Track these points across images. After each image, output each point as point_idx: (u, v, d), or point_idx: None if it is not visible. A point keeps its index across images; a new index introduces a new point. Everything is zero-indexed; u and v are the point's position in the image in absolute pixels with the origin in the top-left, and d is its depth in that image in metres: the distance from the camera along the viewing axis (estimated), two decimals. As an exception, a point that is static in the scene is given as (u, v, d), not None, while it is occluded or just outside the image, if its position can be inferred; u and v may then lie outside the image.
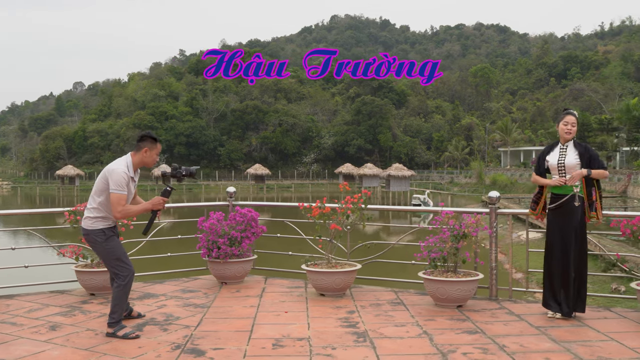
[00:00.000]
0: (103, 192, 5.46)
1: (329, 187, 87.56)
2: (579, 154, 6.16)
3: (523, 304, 6.89)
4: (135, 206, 5.56)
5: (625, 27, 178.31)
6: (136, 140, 5.61)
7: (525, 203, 54.08)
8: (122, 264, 5.52)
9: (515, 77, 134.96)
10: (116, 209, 5.36)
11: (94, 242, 5.55)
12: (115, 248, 5.54)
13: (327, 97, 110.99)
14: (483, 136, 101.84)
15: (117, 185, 5.35)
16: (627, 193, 57.22)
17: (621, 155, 78.02)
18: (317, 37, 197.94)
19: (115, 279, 5.55)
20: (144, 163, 5.57)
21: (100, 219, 5.52)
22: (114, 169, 5.40)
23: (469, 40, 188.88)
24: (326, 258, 7.49)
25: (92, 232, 5.52)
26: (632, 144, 73.39)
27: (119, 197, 5.36)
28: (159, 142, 5.67)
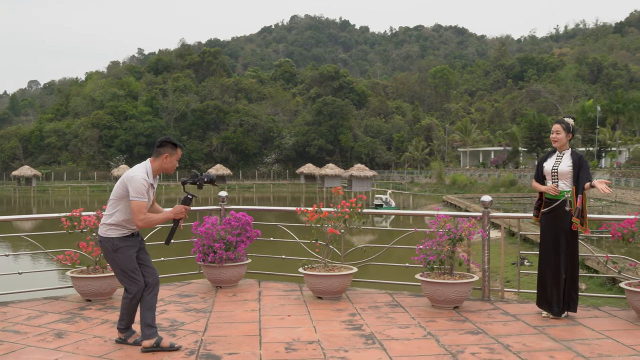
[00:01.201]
0: (121, 199, 5.26)
1: (290, 188, 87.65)
2: (572, 162, 6.42)
3: (516, 304, 7.13)
4: (158, 215, 5.35)
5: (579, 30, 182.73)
6: (156, 145, 5.38)
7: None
8: (128, 278, 5.30)
9: (473, 79, 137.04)
10: (137, 217, 5.14)
11: (105, 249, 5.37)
12: (124, 260, 5.28)
13: (288, 97, 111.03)
14: (443, 137, 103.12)
15: (138, 193, 5.14)
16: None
17: (577, 155, 79.82)
18: (277, 37, 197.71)
19: (125, 291, 5.41)
20: (164, 169, 5.36)
21: (114, 227, 5.29)
22: (133, 176, 5.19)
23: (427, 41, 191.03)
24: (323, 262, 7.60)
25: (104, 239, 5.33)
26: (587, 145, 75.27)
27: (140, 204, 5.14)
28: (180, 147, 5.45)
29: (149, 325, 5.30)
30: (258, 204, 67.69)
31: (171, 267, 9.23)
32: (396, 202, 56.97)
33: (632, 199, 50.30)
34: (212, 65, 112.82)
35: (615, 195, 53.04)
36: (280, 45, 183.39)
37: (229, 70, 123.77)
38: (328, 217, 7.39)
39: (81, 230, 7.20)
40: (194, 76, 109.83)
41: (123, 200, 5.24)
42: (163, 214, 5.38)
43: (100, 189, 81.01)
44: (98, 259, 7.32)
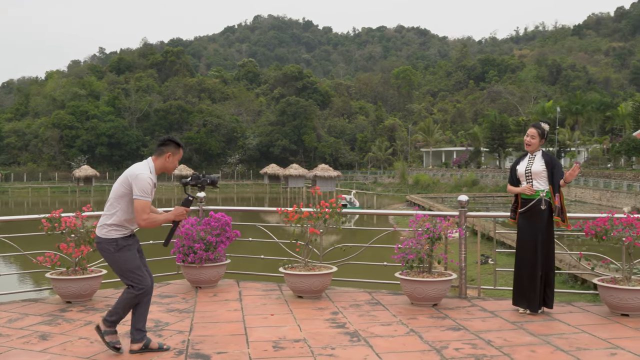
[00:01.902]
0: (123, 198, 5.08)
1: (254, 188, 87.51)
2: (545, 162, 6.64)
3: (492, 301, 7.31)
4: (160, 215, 5.21)
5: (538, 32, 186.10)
6: (158, 144, 5.27)
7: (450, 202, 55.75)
8: (136, 275, 5.15)
9: (435, 79, 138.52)
10: (141, 216, 5.00)
11: (106, 251, 5.16)
12: (128, 259, 5.15)
13: (252, 97, 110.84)
14: (405, 137, 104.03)
15: (143, 192, 4.99)
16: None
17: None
18: (240, 37, 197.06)
19: (129, 288, 5.22)
20: (166, 169, 5.24)
21: (115, 227, 5.12)
22: (138, 174, 5.03)
23: (390, 42, 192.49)
24: (303, 261, 7.69)
25: (104, 241, 5.14)
26: (547, 145, 76.63)
27: (145, 204, 5.00)
28: (182, 147, 5.37)
29: (139, 330, 5.26)
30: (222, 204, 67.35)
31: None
32: (360, 202, 57.33)
33: (590, 197, 51.44)
34: (175, 65, 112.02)
35: (574, 194, 54.22)
36: (244, 45, 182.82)
37: (192, 70, 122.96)
38: (308, 217, 7.48)
39: (61, 231, 7.16)
40: (157, 76, 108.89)
41: (125, 199, 5.09)
42: (164, 214, 5.23)
43: (62, 190, 79.77)
44: (77, 260, 7.29)
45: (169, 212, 5.24)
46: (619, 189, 47.16)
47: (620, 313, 6.56)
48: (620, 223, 6.61)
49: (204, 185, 5.33)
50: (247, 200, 73.97)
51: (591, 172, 56.80)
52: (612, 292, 6.55)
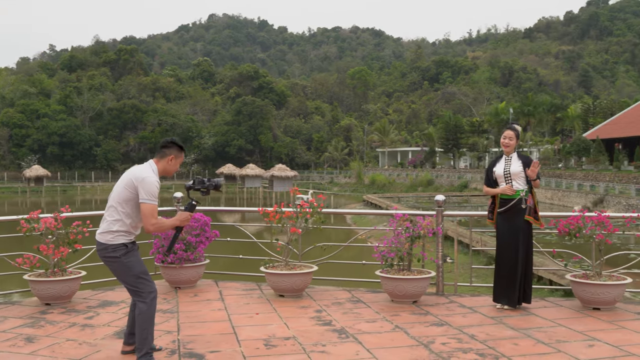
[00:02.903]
0: (128, 202, 4.89)
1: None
2: (522, 163, 6.88)
3: (469, 298, 7.53)
4: (167, 220, 5.02)
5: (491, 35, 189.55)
6: (159, 146, 5.12)
7: (406, 202, 56.38)
8: (144, 280, 4.95)
9: (390, 80, 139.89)
10: (149, 221, 4.81)
11: (112, 257, 4.92)
12: (136, 264, 4.95)
13: (207, 97, 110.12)
14: (361, 137, 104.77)
15: (150, 195, 4.82)
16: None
17: (491, 156, 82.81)
18: (194, 36, 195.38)
19: (136, 301, 4.98)
20: (167, 172, 5.07)
21: (122, 233, 4.91)
22: (145, 177, 4.84)
23: (345, 42, 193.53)
24: (284, 261, 7.78)
25: (110, 247, 4.89)
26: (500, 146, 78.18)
27: (153, 208, 4.82)
28: (185, 150, 5.24)
29: (134, 334, 5.19)
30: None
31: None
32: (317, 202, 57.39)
33: (542, 197, 52.58)
34: (128, 63, 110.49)
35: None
36: (198, 44, 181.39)
37: (146, 68, 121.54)
38: (289, 217, 7.57)
39: (40, 232, 7.10)
40: (110, 74, 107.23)
41: (130, 203, 4.89)
42: (171, 220, 5.06)
43: (11, 190, 77.75)
44: (56, 262, 7.23)
45: (175, 218, 5.09)
46: (570, 188, 48.41)
47: (592, 307, 6.84)
48: (591, 221, 6.89)
49: (210, 190, 5.21)
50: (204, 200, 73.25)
51: (543, 172, 58.12)
52: (584, 287, 6.82)
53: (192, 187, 5.23)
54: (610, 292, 6.74)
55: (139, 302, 4.94)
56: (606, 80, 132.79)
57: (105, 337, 5.81)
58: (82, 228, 7.26)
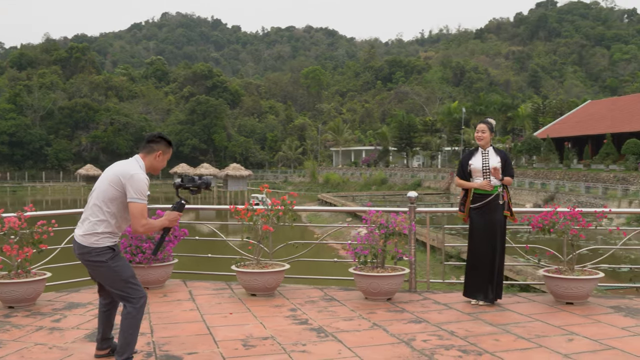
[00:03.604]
0: (114, 200, 4.52)
1: (164, 187, 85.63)
2: (500, 159, 6.88)
3: (442, 294, 7.51)
4: (157, 220, 4.68)
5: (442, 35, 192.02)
6: (145, 140, 4.76)
7: (360, 200, 56.60)
8: (133, 285, 4.60)
9: (344, 80, 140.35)
10: (139, 222, 4.46)
11: (97, 262, 4.54)
12: (123, 268, 4.60)
13: (160, 96, 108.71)
14: (315, 136, 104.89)
15: (140, 194, 4.46)
16: (450, 190, 61.69)
17: (443, 155, 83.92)
18: (147, 34, 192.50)
19: (125, 305, 4.62)
20: (154, 168, 4.72)
21: (108, 235, 4.56)
22: (134, 173, 4.48)
23: (299, 42, 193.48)
24: (255, 259, 7.64)
25: (94, 250, 4.52)
26: (453, 144, 79.32)
27: (143, 207, 4.47)
28: (173, 146, 4.88)
29: (108, 339, 5.06)
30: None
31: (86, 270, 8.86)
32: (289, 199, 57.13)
33: (495, 195, 53.48)
34: (80, 61, 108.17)
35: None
36: (151, 43, 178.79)
37: (99, 67, 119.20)
38: (261, 214, 7.44)
39: (4, 232, 6.80)
40: (61, 72, 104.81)
41: (116, 202, 4.53)
42: (160, 220, 4.71)
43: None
44: (20, 262, 6.94)
45: (164, 218, 4.76)
46: (522, 186, 49.29)
47: (565, 302, 6.89)
48: (564, 217, 6.95)
49: (201, 189, 4.90)
50: (157, 200, 72.32)
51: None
52: (557, 282, 6.87)
53: (182, 186, 4.89)
54: (584, 287, 6.80)
55: (127, 306, 4.60)
56: (555, 81, 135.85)
57: (76, 341, 5.58)
58: (48, 227, 7.00)
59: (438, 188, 63.24)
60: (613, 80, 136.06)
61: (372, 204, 10.72)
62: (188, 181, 4.91)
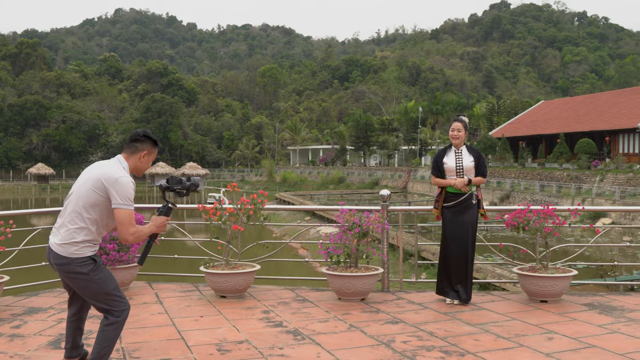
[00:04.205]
0: (95, 206, 4.12)
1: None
2: (474, 158, 6.80)
3: (415, 294, 7.41)
4: (145, 227, 4.30)
5: (399, 35, 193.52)
6: (129, 139, 4.38)
7: (318, 199, 56.55)
8: (117, 297, 4.24)
9: (301, 78, 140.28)
10: (128, 229, 4.09)
11: (77, 273, 4.14)
12: (106, 280, 4.21)
13: (114, 93, 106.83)
14: (273, 135, 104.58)
15: (127, 199, 4.08)
16: (407, 188, 62.16)
17: (400, 154, 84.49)
18: (100, 31, 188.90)
19: (106, 316, 4.26)
20: (138, 170, 4.34)
21: (88, 244, 4.17)
22: (118, 177, 4.10)
23: (255, 40, 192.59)
24: (224, 260, 7.41)
25: (75, 261, 4.12)
26: (409, 144, 79.93)
27: (130, 214, 4.10)
28: (158, 145, 4.51)
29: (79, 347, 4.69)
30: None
31: (46, 272, 8.51)
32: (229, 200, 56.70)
33: (452, 193, 54.02)
34: (30, 57, 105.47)
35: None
36: (104, 39, 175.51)
37: (50, 63, 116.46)
38: (230, 213, 7.22)
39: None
40: (10, 68, 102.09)
41: (98, 208, 4.14)
42: (147, 227, 4.33)
43: None
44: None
45: (151, 224, 4.38)
46: (479, 184, 49.79)
47: (539, 300, 6.86)
48: (537, 215, 6.91)
49: (189, 191, 4.55)
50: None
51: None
52: (532, 280, 6.83)
53: (169, 188, 4.51)
54: (558, 285, 6.78)
55: (109, 317, 4.23)
56: (508, 81, 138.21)
57: (39, 348, 5.28)
58: (5, 229, 6.66)
59: (395, 187, 63.59)
60: (564, 81, 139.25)
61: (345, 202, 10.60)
62: (175, 183, 4.53)
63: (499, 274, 15.42)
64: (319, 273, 20.92)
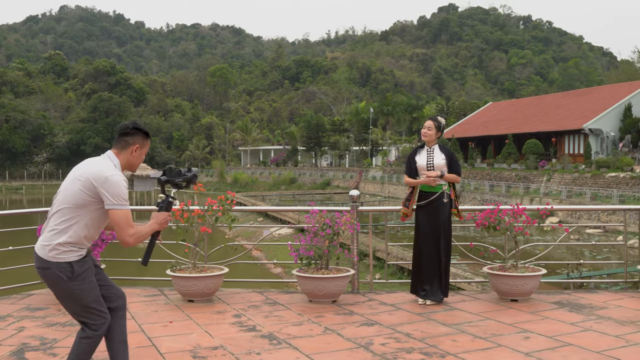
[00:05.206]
0: (83, 207, 3.77)
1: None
2: (445, 156, 6.79)
3: (386, 294, 7.35)
4: (144, 226, 3.93)
5: (349, 37, 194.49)
6: (118, 134, 4.00)
7: (270, 200, 56.30)
8: (95, 311, 3.87)
9: (251, 79, 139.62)
10: (126, 231, 3.76)
11: (56, 279, 3.78)
12: (86, 291, 3.82)
13: (60, 92, 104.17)
14: (223, 135, 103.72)
15: (120, 199, 3.75)
16: (359, 189, 62.38)
17: (351, 154, 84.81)
18: (44, 28, 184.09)
19: (83, 328, 3.92)
20: (131, 165, 4.00)
21: (72, 247, 3.78)
22: (109, 175, 3.75)
23: (205, 40, 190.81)
24: (192, 263, 7.22)
25: (54, 265, 3.75)
26: (361, 144, 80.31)
27: (127, 214, 3.77)
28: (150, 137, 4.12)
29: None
30: (28, 206, 62.42)
31: (1, 277, 8.18)
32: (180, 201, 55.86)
33: (402, 194, 54.34)
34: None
35: (388, 190, 57.21)
36: (49, 37, 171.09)
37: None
38: (198, 215, 7.04)
39: None
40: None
41: (86, 210, 3.78)
42: (148, 225, 3.97)
43: None
44: None
45: (152, 221, 4.01)
46: (430, 185, 50.32)
47: (509, 299, 6.89)
48: (508, 214, 6.94)
49: (190, 183, 4.20)
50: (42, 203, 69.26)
51: (402, 170, 60.06)
52: (502, 279, 6.85)
53: (169, 181, 4.15)
54: (528, 284, 6.81)
55: (86, 330, 3.90)
56: (456, 83, 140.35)
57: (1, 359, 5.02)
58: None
59: (347, 187, 63.80)
60: (510, 84, 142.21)
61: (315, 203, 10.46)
62: (175, 174, 4.15)
63: (454, 272, 15.54)
64: (275, 275, 20.78)
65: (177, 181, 4.15)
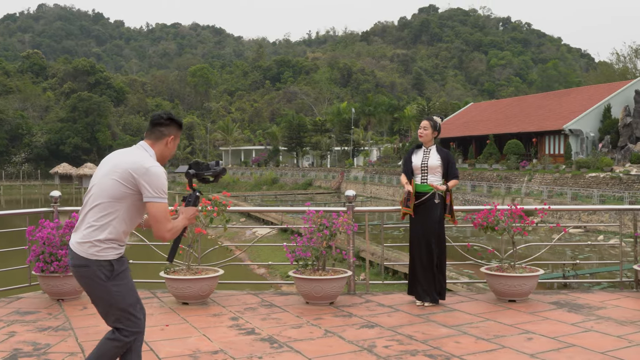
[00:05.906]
0: (122, 201, 3.56)
1: (44, 189, 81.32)
2: (441, 158, 6.74)
3: (383, 296, 7.28)
4: (178, 222, 3.70)
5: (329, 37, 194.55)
6: (151, 124, 3.77)
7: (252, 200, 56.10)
8: (131, 315, 3.63)
9: (232, 79, 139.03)
10: (164, 226, 3.54)
11: (94, 278, 3.53)
12: (124, 293, 3.59)
13: (38, 92, 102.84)
14: (204, 135, 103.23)
15: (161, 192, 3.54)
16: (340, 189, 62.34)
17: (333, 154, 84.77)
18: (22, 26, 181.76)
19: (114, 330, 3.67)
20: (164, 157, 3.78)
21: (112, 244, 3.55)
22: (149, 167, 3.55)
23: (185, 39, 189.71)
24: (186, 265, 7.09)
25: (94, 263, 3.51)
26: (342, 144, 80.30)
27: (166, 208, 3.57)
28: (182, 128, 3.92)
29: None
30: (6, 207, 61.65)
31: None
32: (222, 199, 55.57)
33: (385, 194, 54.56)
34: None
35: (370, 190, 57.23)
36: (27, 36, 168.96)
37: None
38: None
39: None
40: None
41: (125, 203, 3.57)
42: (180, 221, 3.73)
43: None
44: None
45: (183, 217, 3.77)
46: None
47: (507, 299, 6.85)
48: (505, 214, 6.90)
49: (219, 177, 4.00)
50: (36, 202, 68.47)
51: (383, 170, 60.24)
52: (500, 279, 6.81)
53: (197, 175, 3.91)
54: (526, 284, 6.78)
55: (118, 334, 3.64)
56: (437, 84, 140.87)
57: (-4, 364, 4.88)
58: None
59: (329, 187, 63.76)
60: (490, 84, 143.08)
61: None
62: (204, 168, 3.93)
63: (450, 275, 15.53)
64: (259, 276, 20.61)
65: (205, 175, 3.96)
